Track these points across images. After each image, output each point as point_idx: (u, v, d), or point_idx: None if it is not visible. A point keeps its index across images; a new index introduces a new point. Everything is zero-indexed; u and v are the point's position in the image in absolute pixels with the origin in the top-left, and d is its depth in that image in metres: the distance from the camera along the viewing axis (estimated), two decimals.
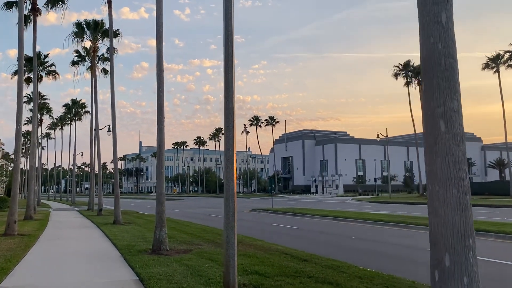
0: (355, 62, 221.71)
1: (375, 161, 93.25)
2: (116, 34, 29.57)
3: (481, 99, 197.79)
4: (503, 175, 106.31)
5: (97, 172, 46.47)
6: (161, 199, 11.61)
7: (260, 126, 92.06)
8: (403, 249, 13.07)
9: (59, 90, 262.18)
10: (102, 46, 35.25)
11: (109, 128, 37.20)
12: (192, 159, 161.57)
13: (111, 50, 23.21)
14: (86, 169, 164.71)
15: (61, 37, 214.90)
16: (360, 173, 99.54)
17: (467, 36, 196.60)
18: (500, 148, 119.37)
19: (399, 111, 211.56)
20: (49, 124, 73.83)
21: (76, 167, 72.02)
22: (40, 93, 46.90)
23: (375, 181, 74.57)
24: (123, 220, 21.80)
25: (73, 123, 61.25)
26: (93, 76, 32.54)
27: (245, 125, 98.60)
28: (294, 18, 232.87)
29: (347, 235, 16.90)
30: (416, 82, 51.95)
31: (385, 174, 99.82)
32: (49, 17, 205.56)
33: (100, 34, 31.64)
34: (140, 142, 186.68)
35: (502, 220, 20.90)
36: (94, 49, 31.97)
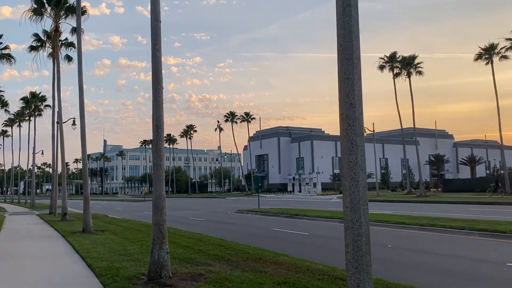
0: (318, 62, 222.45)
1: None
2: (83, 11, 25.62)
3: (452, 97, 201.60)
4: (474, 171, 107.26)
5: (60, 172, 41.67)
6: (160, 203, 8.08)
7: (236, 122, 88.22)
8: (477, 265, 10.03)
9: (16, 88, 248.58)
10: (65, 30, 30.95)
11: (73, 121, 32.86)
12: None
13: (78, 18, 19.22)
14: (47, 169, 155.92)
15: (16, 33, 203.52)
16: (337, 171, 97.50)
17: (430, 37, 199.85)
18: (471, 145, 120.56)
19: (365, 110, 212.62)
20: (5, 121, 67.68)
21: (36, 167, 66.29)
22: None
23: None
24: (94, 227, 17.97)
25: (32, 119, 55.77)
26: (56, 58, 28.18)
27: (218, 121, 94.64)
28: (259, 17, 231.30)
29: (377, 243, 13.78)
30: (405, 73, 49.65)
31: None
32: (3, 11, 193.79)
33: (63, 12, 27.35)
34: (105, 141, 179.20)
35: None
36: (56, 28, 27.62)
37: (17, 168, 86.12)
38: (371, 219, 20.08)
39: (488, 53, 44.77)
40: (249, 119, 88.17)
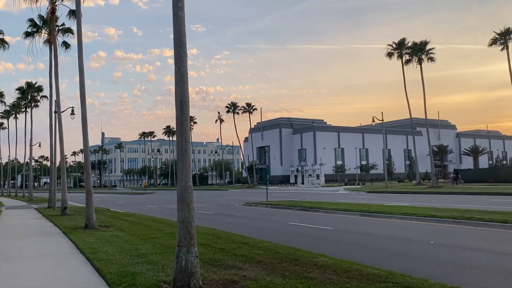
0: (314, 53, 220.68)
1: (355, 149, 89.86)
2: None
3: (451, 88, 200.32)
4: (477, 162, 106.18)
5: (58, 164, 40.05)
6: (187, 196, 6.58)
7: (238, 113, 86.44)
8: None
9: (11, 81, 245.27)
10: (61, 16, 29.10)
11: (72, 111, 31.21)
12: (159, 150, 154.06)
13: None
14: (45, 162, 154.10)
15: (10, 25, 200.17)
16: (339, 162, 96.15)
17: (426, 29, 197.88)
18: (473, 136, 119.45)
19: (362, 102, 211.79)
20: (1, 113, 65.95)
21: (33, 160, 64.66)
22: None
23: (361, 170, 71.13)
24: (97, 222, 16.48)
25: (28, 110, 53.98)
26: (52, 43, 26.51)
27: (219, 112, 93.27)
28: (254, 9, 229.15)
29: (415, 239, 12.38)
30: (416, 60, 47.99)
31: (363, 162, 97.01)
32: None
33: None
34: (103, 133, 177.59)
35: None
36: (53, 10, 25.92)
37: (14, 161, 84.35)
38: (393, 212, 18.67)
39: (503, 38, 43.23)
40: (251, 110, 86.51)
